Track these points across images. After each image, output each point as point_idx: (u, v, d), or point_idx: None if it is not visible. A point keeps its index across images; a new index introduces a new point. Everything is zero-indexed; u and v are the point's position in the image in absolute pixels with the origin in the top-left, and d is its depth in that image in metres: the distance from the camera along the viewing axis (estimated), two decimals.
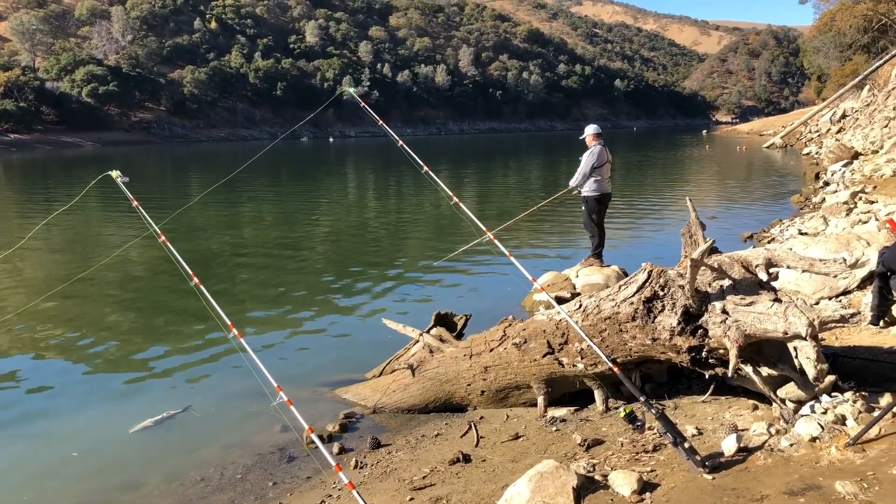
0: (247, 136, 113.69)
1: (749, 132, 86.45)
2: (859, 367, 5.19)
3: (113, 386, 7.44)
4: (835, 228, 12.15)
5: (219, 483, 5.35)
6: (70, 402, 7.00)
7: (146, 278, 12.52)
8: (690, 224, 5.55)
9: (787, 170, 35.09)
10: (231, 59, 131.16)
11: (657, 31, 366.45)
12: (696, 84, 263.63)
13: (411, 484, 4.90)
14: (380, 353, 7.43)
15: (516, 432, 5.55)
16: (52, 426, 6.49)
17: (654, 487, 4.11)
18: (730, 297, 4.82)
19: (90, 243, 16.81)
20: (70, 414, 6.74)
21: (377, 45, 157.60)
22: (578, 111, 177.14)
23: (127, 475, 5.55)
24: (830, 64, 67.83)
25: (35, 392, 7.31)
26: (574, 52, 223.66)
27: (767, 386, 4.80)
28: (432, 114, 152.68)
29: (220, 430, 6.28)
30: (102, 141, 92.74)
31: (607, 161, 10.28)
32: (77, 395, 7.19)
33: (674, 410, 5.31)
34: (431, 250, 14.77)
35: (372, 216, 21.68)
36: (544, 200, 12.78)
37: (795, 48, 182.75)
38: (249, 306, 10.53)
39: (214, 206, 22.68)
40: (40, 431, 6.40)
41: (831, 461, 3.98)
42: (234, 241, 16.74)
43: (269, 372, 4.26)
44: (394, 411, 6.47)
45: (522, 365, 5.88)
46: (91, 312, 10.26)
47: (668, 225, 17.15)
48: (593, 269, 10.12)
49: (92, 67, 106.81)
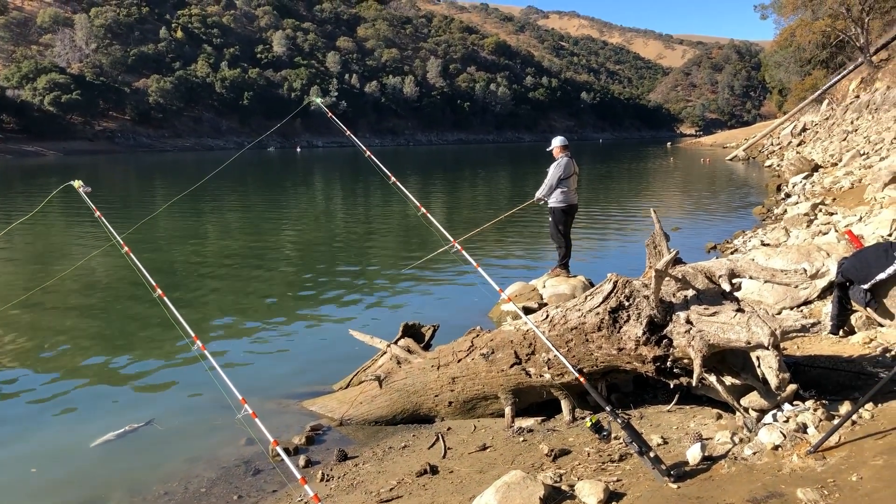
0: (213, 145, 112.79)
1: (712, 145, 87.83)
2: (819, 376, 5.28)
3: (74, 399, 7.30)
4: (796, 239, 12.37)
5: (183, 497, 5.27)
6: (30, 416, 6.85)
7: (109, 289, 12.32)
8: (655, 235, 5.61)
9: (749, 182, 35.67)
10: (197, 69, 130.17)
11: (622, 45, 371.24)
12: (660, 97, 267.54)
13: (378, 496, 4.88)
14: (347, 365, 7.39)
15: (484, 443, 5.55)
16: (11, 440, 6.33)
17: (621, 497, 4.13)
18: (694, 307, 4.88)
19: (52, 254, 16.52)
20: (30, 427, 6.59)
21: (345, 56, 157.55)
22: (545, 123, 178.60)
23: (88, 490, 5.44)
24: (791, 78, 69.19)
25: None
26: (541, 65, 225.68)
27: (731, 395, 4.86)
28: (400, 125, 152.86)
29: (183, 444, 6.19)
30: (66, 150, 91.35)
31: (574, 173, 10.37)
32: (37, 409, 7.04)
33: (639, 420, 5.35)
34: (399, 260, 14.75)
35: (339, 227, 21.60)
36: (510, 211, 12.83)
37: (757, 62, 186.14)
38: (215, 317, 10.41)
39: (180, 216, 22.43)
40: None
41: (793, 469, 4.03)
42: (199, 251, 16.56)
43: (234, 384, 4.22)
44: (361, 423, 6.44)
45: (490, 375, 5.88)
46: (53, 324, 10.07)
47: (634, 236, 17.33)
48: (560, 279, 10.19)
49: (54, 76, 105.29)
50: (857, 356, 5.70)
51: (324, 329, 9.68)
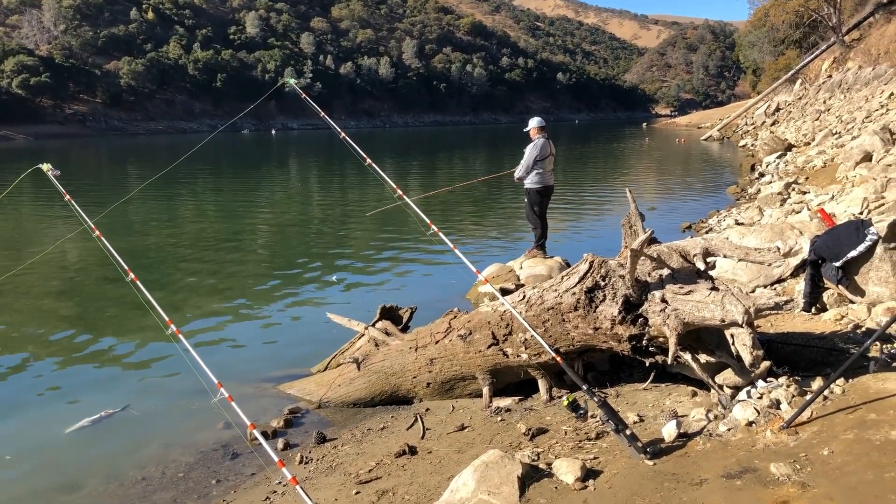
0: (186, 128, 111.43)
1: (687, 125, 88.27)
2: (792, 353, 5.35)
3: (48, 385, 7.22)
4: (769, 218, 12.49)
5: (160, 482, 5.25)
6: (2, 402, 6.77)
7: (82, 274, 12.18)
8: (630, 215, 5.64)
9: (723, 162, 35.93)
10: (169, 51, 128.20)
11: (598, 25, 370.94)
12: (636, 77, 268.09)
13: (357, 478, 4.89)
14: (325, 348, 7.39)
15: (462, 423, 5.58)
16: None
17: (597, 474, 4.17)
18: (669, 286, 4.92)
19: (23, 239, 16.28)
20: (2, 414, 6.51)
21: (319, 37, 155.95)
22: (522, 104, 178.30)
23: (64, 477, 5.39)
24: (765, 58, 69.60)
25: None
26: (517, 46, 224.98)
27: (706, 373, 4.91)
28: (376, 106, 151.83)
29: (160, 429, 6.16)
30: (36, 134, 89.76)
31: (550, 154, 10.38)
32: (10, 395, 6.97)
33: (616, 398, 5.40)
34: (376, 243, 14.72)
35: (315, 209, 21.48)
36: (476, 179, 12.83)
37: (731, 42, 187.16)
38: (190, 301, 10.34)
39: (153, 200, 22.17)
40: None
41: (766, 444, 4.09)
42: (173, 235, 16.40)
43: (211, 368, 4.19)
44: (339, 405, 6.44)
45: (468, 356, 5.90)
46: (25, 310, 9.95)
47: (610, 216, 17.41)
48: (536, 260, 10.22)
49: (22, 58, 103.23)
50: (828, 333, 5.78)
51: (301, 312, 9.65)
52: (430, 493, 4.46)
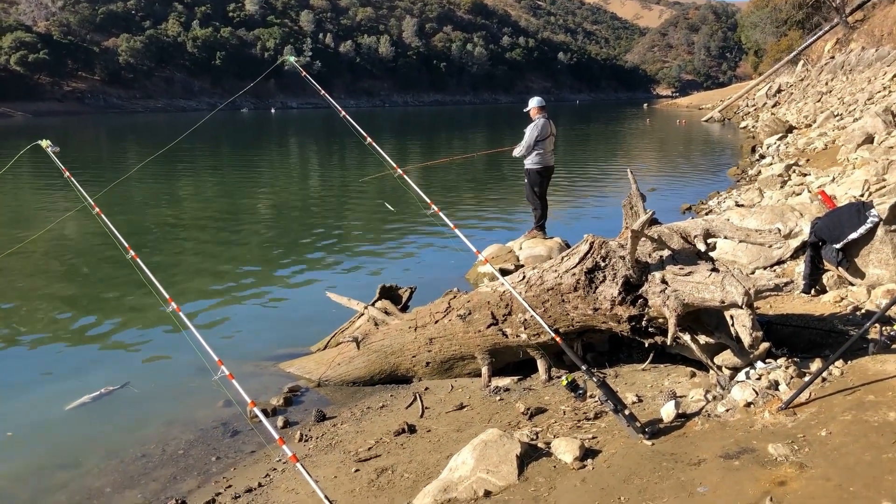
0: (185, 106, 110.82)
1: (688, 106, 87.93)
2: (792, 334, 5.36)
3: (48, 362, 7.24)
4: (769, 200, 12.47)
5: (160, 459, 5.27)
6: (3, 379, 6.78)
7: (82, 252, 12.17)
8: (631, 196, 5.63)
9: (724, 143, 35.82)
10: (168, 28, 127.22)
11: (599, 5, 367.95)
12: (637, 58, 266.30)
13: (356, 455, 4.91)
14: (324, 327, 7.40)
15: (461, 402, 5.60)
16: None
17: (596, 454, 4.19)
18: (669, 267, 4.91)
19: (24, 216, 16.25)
20: (3, 391, 6.52)
21: (319, 15, 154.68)
22: (522, 84, 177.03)
23: (65, 454, 5.42)
24: (767, 39, 69.16)
25: None
26: (518, 25, 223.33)
27: (705, 353, 4.92)
28: (376, 85, 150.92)
29: (160, 406, 6.18)
30: (34, 111, 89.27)
31: (551, 134, 10.34)
32: (10, 372, 6.98)
33: (615, 378, 5.41)
34: (376, 222, 14.71)
35: (315, 188, 21.45)
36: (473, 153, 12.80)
37: (734, 23, 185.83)
38: (190, 280, 10.34)
39: (153, 178, 22.13)
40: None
41: (765, 425, 4.11)
42: (173, 213, 16.38)
43: (211, 346, 4.19)
44: (339, 384, 6.46)
45: (467, 336, 5.91)
46: (25, 287, 9.96)
47: (610, 197, 17.39)
48: (536, 241, 10.22)
49: (20, 34, 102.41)
50: (828, 314, 5.79)
51: (301, 291, 9.65)
52: (428, 471, 4.48)
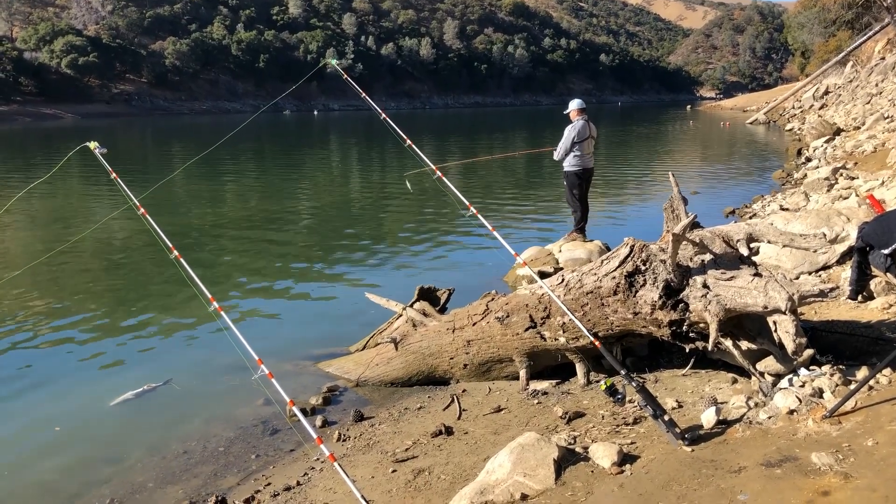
0: (229, 108, 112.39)
1: (733, 108, 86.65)
2: (837, 341, 5.25)
3: (93, 359, 7.40)
4: (815, 204, 12.23)
5: (201, 456, 5.35)
6: (51, 375, 6.95)
7: (128, 251, 12.43)
8: (673, 199, 5.57)
9: (769, 146, 35.22)
10: (213, 31, 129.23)
11: (642, 6, 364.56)
12: (680, 59, 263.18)
13: (394, 456, 4.93)
14: (363, 327, 7.45)
15: (498, 405, 5.59)
16: (34, 399, 6.45)
17: (634, 459, 4.15)
18: (711, 271, 4.85)
19: (72, 216, 16.65)
20: (52, 386, 6.69)
21: (361, 18, 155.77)
22: (563, 86, 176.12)
23: (109, 449, 5.54)
24: (814, 40, 67.85)
25: (15, 364, 7.25)
26: (559, 26, 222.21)
27: (747, 359, 4.85)
28: (416, 87, 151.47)
29: (202, 403, 6.27)
30: (83, 113, 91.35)
31: (590, 136, 10.27)
32: (58, 368, 7.15)
33: (654, 384, 5.36)
34: (415, 224, 14.76)
35: (356, 190, 21.59)
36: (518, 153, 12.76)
37: (780, 24, 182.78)
38: (232, 279, 10.48)
39: (197, 179, 22.49)
40: (20, 403, 6.36)
41: (808, 433, 4.03)
42: (216, 214, 16.63)
43: (251, 345, 4.25)
44: (377, 384, 6.49)
45: (505, 339, 5.90)
46: (72, 285, 10.19)
47: (652, 200, 17.21)
48: (576, 243, 10.15)
49: (71, 38, 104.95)
50: (875, 322, 5.66)
51: (340, 291, 9.72)
52: (465, 474, 4.48)
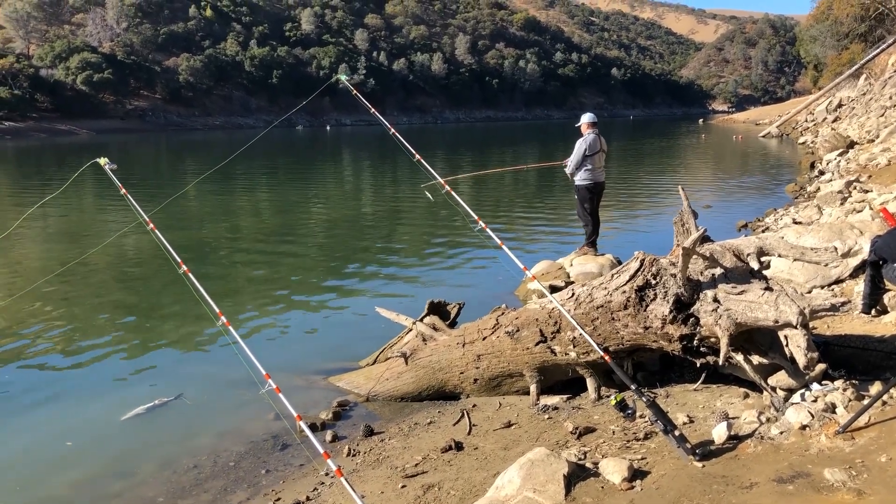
0: (242, 124, 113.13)
1: (745, 121, 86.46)
2: (850, 356, 5.20)
3: (104, 373, 7.43)
4: (829, 217, 12.16)
5: (212, 470, 5.36)
6: (63, 390, 6.99)
7: (139, 266, 12.49)
8: (683, 213, 5.55)
9: (782, 159, 35.09)
10: (226, 47, 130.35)
11: (654, 20, 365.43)
12: (692, 73, 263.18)
13: (403, 471, 4.92)
14: (373, 342, 7.44)
15: (509, 420, 5.56)
16: (44, 413, 6.48)
17: (645, 475, 4.12)
18: (721, 285, 4.83)
19: (84, 231, 16.77)
20: (63, 401, 6.72)
21: (373, 33, 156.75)
22: (575, 100, 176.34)
23: (120, 463, 5.55)
24: (827, 53, 67.71)
25: (27, 379, 7.29)
26: (571, 41, 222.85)
27: (758, 374, 4.81)
28: (428, 102, 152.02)
29: (212, 418, 6.29)
30: (98, 129, 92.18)
31: (601, 150, 10.27)
32: (68, 382, 7.19)
33: (665, 399, 5.32)
34: (425, 238, 14.78)
35: (366, 204, 21.65)
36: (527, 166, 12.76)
37: (792, 37, 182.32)
38: (242, 294, 10.52)
39: (209, 194, 22.63)
40: (32, 418, 6.38)
41: (821, 449, 3.99)
42: (227, 229, 16.71)
43: (261, 360, 4.26)
44: (387, 399, 6.48)
45: (515, 353, 5.89)
46: (83, 300, 10.25)
47: (663, 214, 17.15)
48: (587, 257, 10.14)
49: (86, 55, 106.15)
50: (889, 336, 5.61)
51: (350, 306, 9.73)
52: (475, 489, 4.46)
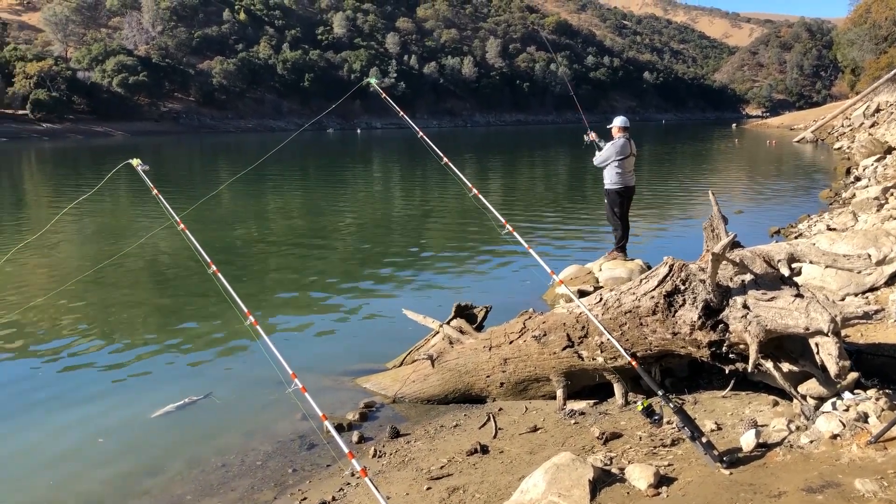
0: (274, 126, 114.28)
1: (779, 126, 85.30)
2: (883, 365, 5.12)
3: (135, 371, 7.54)
4: (864, 224, 11.96)
5: (239, 469, 5.41)
6: (94, 387, 7.10)
7: (170, 266, 12.67)
8: (713, 218, 5.49)
9: (817, 165, 34.59)
10: (259, 51, 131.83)
11: (687, 24, 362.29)
12: (726, 77, 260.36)
13: (429, 474, 4.93)
14: (400, 344, 7.46)
15: (535, 424, 5.55)
16: (77, 411, 6.58)
17: (671, 481, 4.09)
18: (751, 291, 4.77)
19: (117, 231, 17.03)
20: (94, 399, 6.83)
21: (404, 37, 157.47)
22: (606, 103, 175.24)
23: (149, 460, 5.63)
24: (865, 57, 66.69)
25: (60, 377, 7.43)
26: (602, 44, 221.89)
27: (788, 382, 4.75)
28: (458, 106, 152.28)
29: (241, 417, 6.35)
30: (132, 130, 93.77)
31: (631, 154, 10.23)
32: (100, 381, 7.30)
33: (693, 405, 5.28)
34: (453, 240, 14.79)
35: (395, 207, 21.73)
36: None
37: (829, 41, 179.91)
38: (272, 294, 10.62)
39: (241, 196, 22.87)
40: (66, 415, 6.50)
41: (852, 459, 3.93)
42: (257, 230, 16.87)
43: (288, 360, 4.29)
44: (413, 401, 6.50)
45: (542, 357, 5.87)
46: (114, 299, 10.41)
47: (694, 219, 17.00)
48: (616, 262, 10.08)
49: (122, 58, 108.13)
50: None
51: (377, 308, 9.77)
52: (500, 493, 4.46)
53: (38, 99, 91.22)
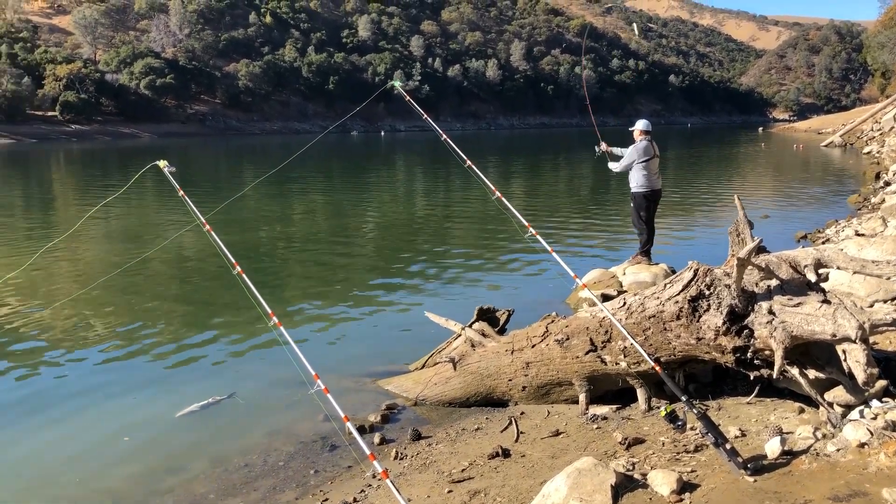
0: (299, 129, 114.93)
1: (807, 130, 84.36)
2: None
3: (160, 370, 7.62)
4: (893, 230, 11.79)
5: (262, 469, 5.44)
6: (120, 386, 7.18)
7: (196, 267, 12.78)
8: (738, 222, 5.44)
9: (845, 169, 34.16)
10: (285, 53, 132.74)
11: (713, 27, 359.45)
12: (752, 80, 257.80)
13: (450, 476, 4.92)
14: (422, 346, 7.47)
15: (557, 429, 5.53)
16: (103, 409, 6.66)
17: (694, 488, 4.05)
18: (777, 297, 4.72)
19: (144, 231, 17.22)
20: (120, 397, 6.90)
21: (429, 40, 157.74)
22: (631, 106, 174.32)
23: (173, 459, 5.68)
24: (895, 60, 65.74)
25: (85, 375, 7.52)
26: (627, 47, 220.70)
27: (814, 389, 4.69)
28: (482, 108, 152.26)
29: (263, 417, 6.39)
30: (159, 132, 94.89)
31: (654, 155, 10.16)
32: (127, 379, 7.37)
33: (717, 411, 5.23)
34: (477, 243, 14.79)
35: (418, 209, 21.76)
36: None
37: (859, 44, 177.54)
38: (295, 296, 10.67)
39: (266, 198, 23.03)
40: (92, 414, 6.58)
41: (880, 468, 3.87)
42: (282, 231, 16.98)
43: (312, 361, 4.32)
44: (435, 404, 6.51)
45: (564, 362, 5.85)
46: (140, 299, 10.52)
47: (719, 223, 16.86)
48: (641, 266, 10.01)
49: (150, 60, 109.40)
50: None
51: (400, 310, 9.79)
52: (521, 497, 4.45)
53: (67, 101, 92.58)
